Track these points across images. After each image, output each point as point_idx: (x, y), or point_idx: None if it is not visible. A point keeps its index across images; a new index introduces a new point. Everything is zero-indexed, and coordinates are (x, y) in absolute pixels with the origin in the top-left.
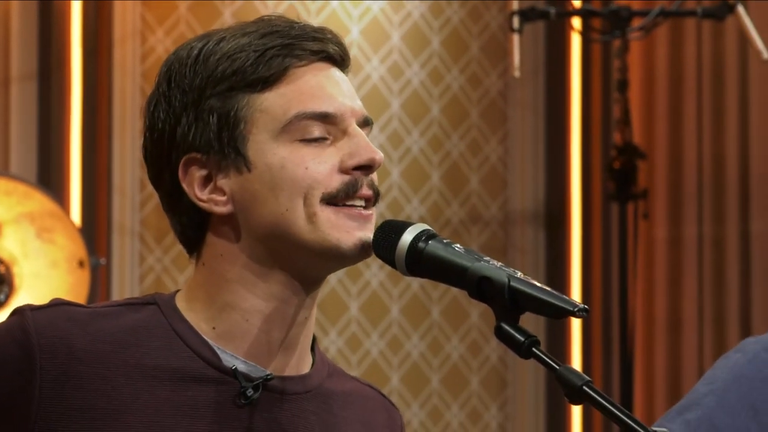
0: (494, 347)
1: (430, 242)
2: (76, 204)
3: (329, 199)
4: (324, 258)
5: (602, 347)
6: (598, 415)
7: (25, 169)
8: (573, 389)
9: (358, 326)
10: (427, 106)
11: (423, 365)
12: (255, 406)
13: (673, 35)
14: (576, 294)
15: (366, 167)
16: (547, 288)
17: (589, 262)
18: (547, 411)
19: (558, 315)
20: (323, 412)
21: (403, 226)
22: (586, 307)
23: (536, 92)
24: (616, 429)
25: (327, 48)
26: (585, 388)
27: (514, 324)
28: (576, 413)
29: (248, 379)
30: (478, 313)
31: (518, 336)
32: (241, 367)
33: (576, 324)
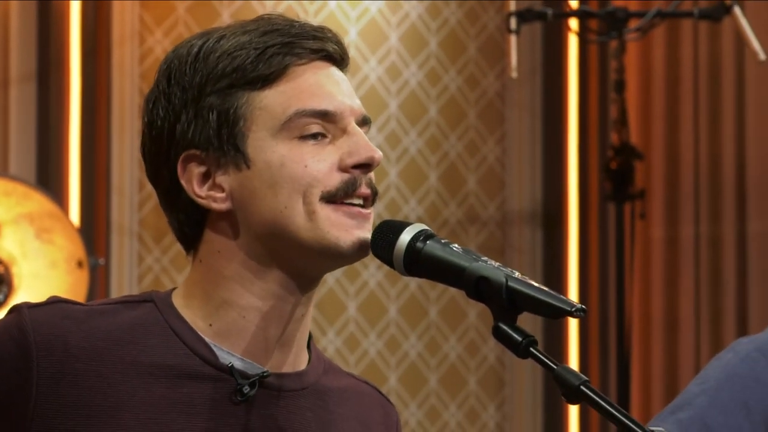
0: (492, 347)
1: (428, 242)
2: (75, 204)
3: (329, 198)
4: (322, 256)
5: (599, 347)
6: (596, 415)
7: (24, 170)
8: (570, 389)
9: (356, 326)
10: (425, 107)
11: (421, 365)
12: (251, 403)
13: (670, 36)
14: (573, 294)
15: (365, 166)
16: (545, 288)
17: (586, 262)
18: (545, 411)
19: (555, 315)
20: (319, 409)
21: (401, 226)
22: (584, 307)
23: (533, 93)
24: (613, 428)
25: (327, 47)
26: (582, 388)
27: (512, 324)
28: (573, 413)
29: (245, 377)
30: (476, 313)
31: (516, 336)
32: (238, 365)
33: (573, 324)
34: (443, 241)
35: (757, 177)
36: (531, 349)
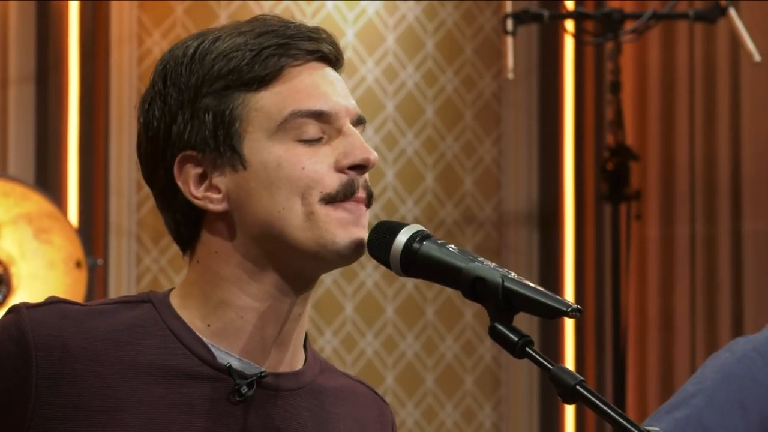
0: (488, 347)
1: (425, 243)
2: (74, 205)
3: (328, 199)
4: (317, 257)
5: (595, 347)
6: (591, 415)
7: (23, 171)
8: (566, 389)
9: (353, 326)
10: (422, 108)
11: (417, 365)
12: (249, 403)
13: (665, 38)
14: (569, 294)
15: (360, 167)
16: (541, 288)
17: (582, 263)
18: (541, 410)
19: (551, 315)
20: (315, 408)
21: (398, 227)
22: (579, 308)
23: (530, 94)
24: (609, 428)
25: (322, 48)
26: (578, 388)
27: (508, 324)
28: (569, 413)
29: (242, 377)
30: (472, 314)
31: (512, 336)
32: (236, 365)
33: (569, 324)
34: (440, 242)
35: (752, 177)
36: (527, 349)
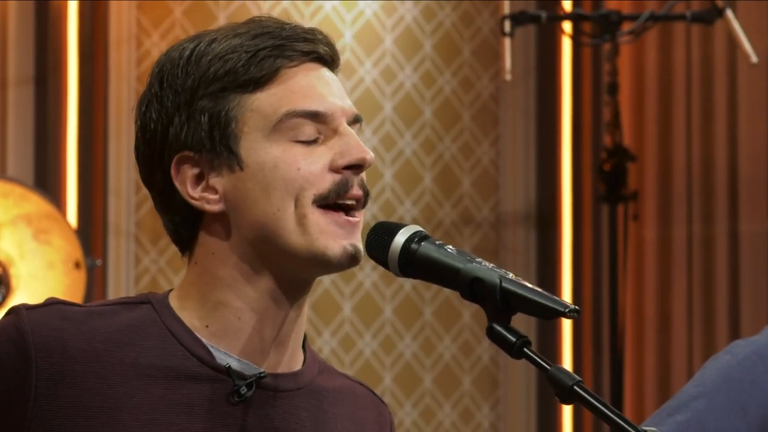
0: (486, 347)
1: (423, 243)
2: (73, 206)
3: (320, 201)
4: (310, 263)
5: (593, 347)
6: (589, 415)
7: (22, 172)
8: (564, 389)
9: (351, 327)
10: (420, 109)
11: (415, 365)
12: (248, 404)
13: (663, 39)
14: (566, 294)
15: (357, 167)
16: (539, 289)
17: (580, 263)
18: (539, 411)
19: (549, 315)
20: (314, 409)
21: (396, 228)
22: (577, 308)
23: (527, 95)
24: (607, 429)
25: (317, 49)
26: (575, 388)
27: (506, 324)
28: (567, 413)
29: (242, 377)
30: (470, 314)
31: (510, 336)
32: (235, 365)
33: (567, 324)
34: (438, 243)
35: (749, 178)
36: (525, 350)
